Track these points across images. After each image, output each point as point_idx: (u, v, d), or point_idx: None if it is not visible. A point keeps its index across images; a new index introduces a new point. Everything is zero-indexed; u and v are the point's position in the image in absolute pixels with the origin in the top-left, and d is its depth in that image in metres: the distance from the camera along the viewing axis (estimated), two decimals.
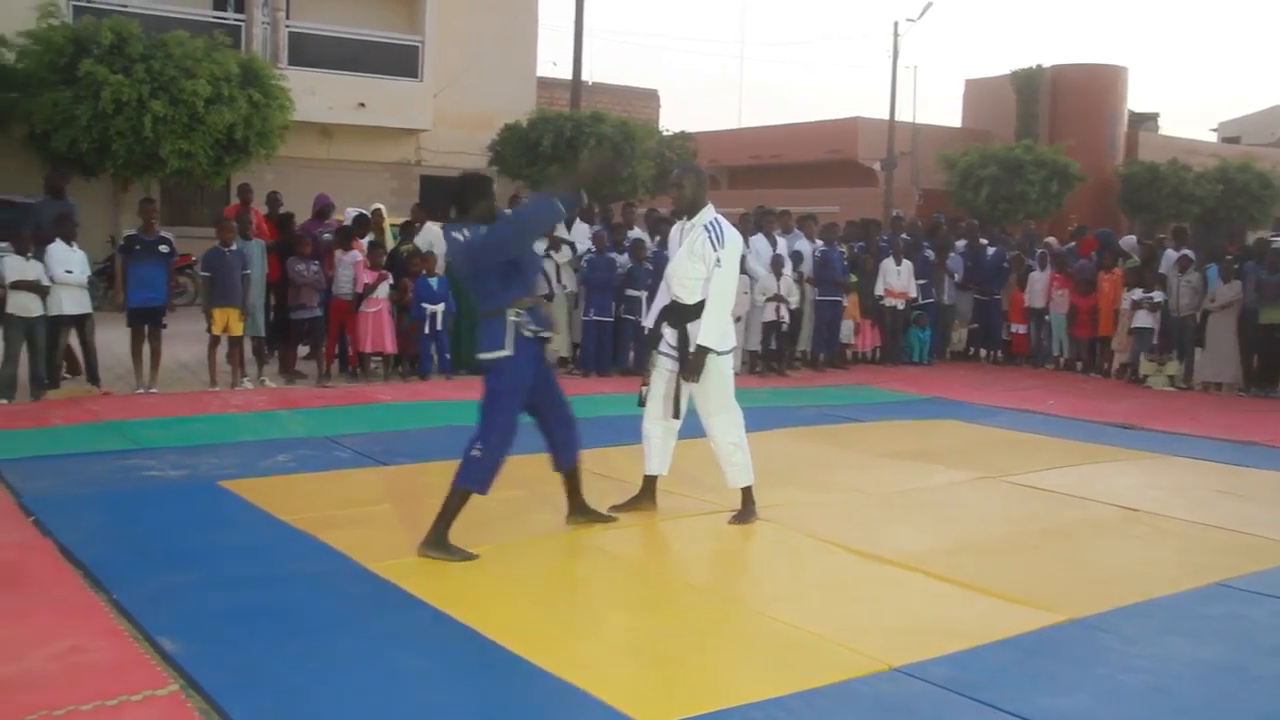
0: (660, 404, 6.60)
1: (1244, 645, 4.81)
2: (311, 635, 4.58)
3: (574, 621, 4.93)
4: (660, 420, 6.63)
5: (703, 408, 6.52)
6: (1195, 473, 8.70)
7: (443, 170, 23.91)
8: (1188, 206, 29.13)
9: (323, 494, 7.04)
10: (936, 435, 10.13)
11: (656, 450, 6.70)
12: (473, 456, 5.78)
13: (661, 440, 6.68)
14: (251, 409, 10.01)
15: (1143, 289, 14.09)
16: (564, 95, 26.59)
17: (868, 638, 4.76)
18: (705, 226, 6.42)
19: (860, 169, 33.05)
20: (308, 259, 11.54)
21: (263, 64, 17.81)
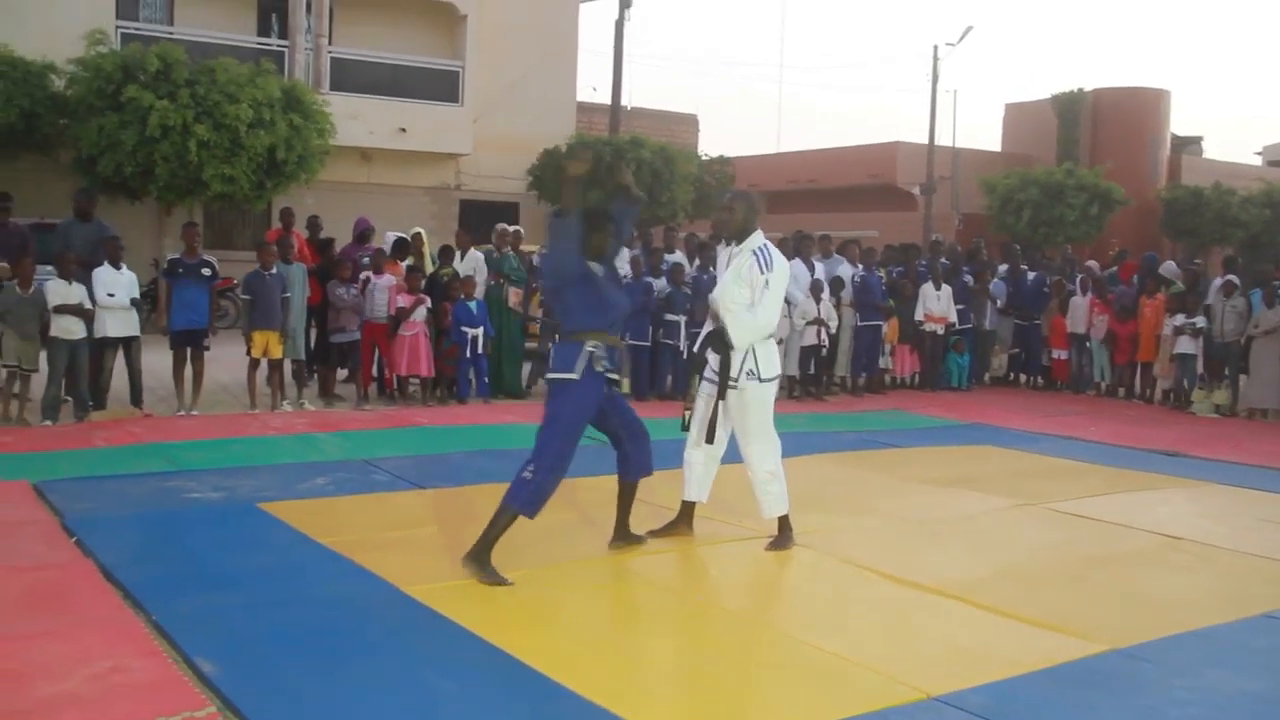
0: (697, 428, 6.60)
1: None
2: (347, 658, 4.59)
3: (610, 647, 4.92)
4: (702, 446, 6.62)
5: (741, 435, 6.51)
6: (1240, 501, 8.58)
7: (482, 195, 24.10)
8: (1232, 231, 28.81)
9: (360, 517, 7.07)
10: (976, 461, 10.05)
11: (697, 477, 6.70)
12: (524, 479, 5.81)
13: (703, 467, 6.68)
14: (290, 431, 10.08)
15: (1185, 314, 13.95)
16: (603, 120, 26.74)
17: (906, 666, 4.72)
18: (754, 251, 6.41)
19: (900, 193, 32.96)
20: (347, 282, 11.64)
21: (305, 89, 18.02)
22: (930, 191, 30.81)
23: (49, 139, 17.29)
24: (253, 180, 16.89)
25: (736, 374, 6.35)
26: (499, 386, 12.78)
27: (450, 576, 5.73)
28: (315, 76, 20.89)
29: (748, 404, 6.38)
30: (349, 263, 11.87)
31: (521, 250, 13.55)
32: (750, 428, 6.45)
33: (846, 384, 14.70)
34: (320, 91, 19.70)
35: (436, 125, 22.94)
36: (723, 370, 6.41)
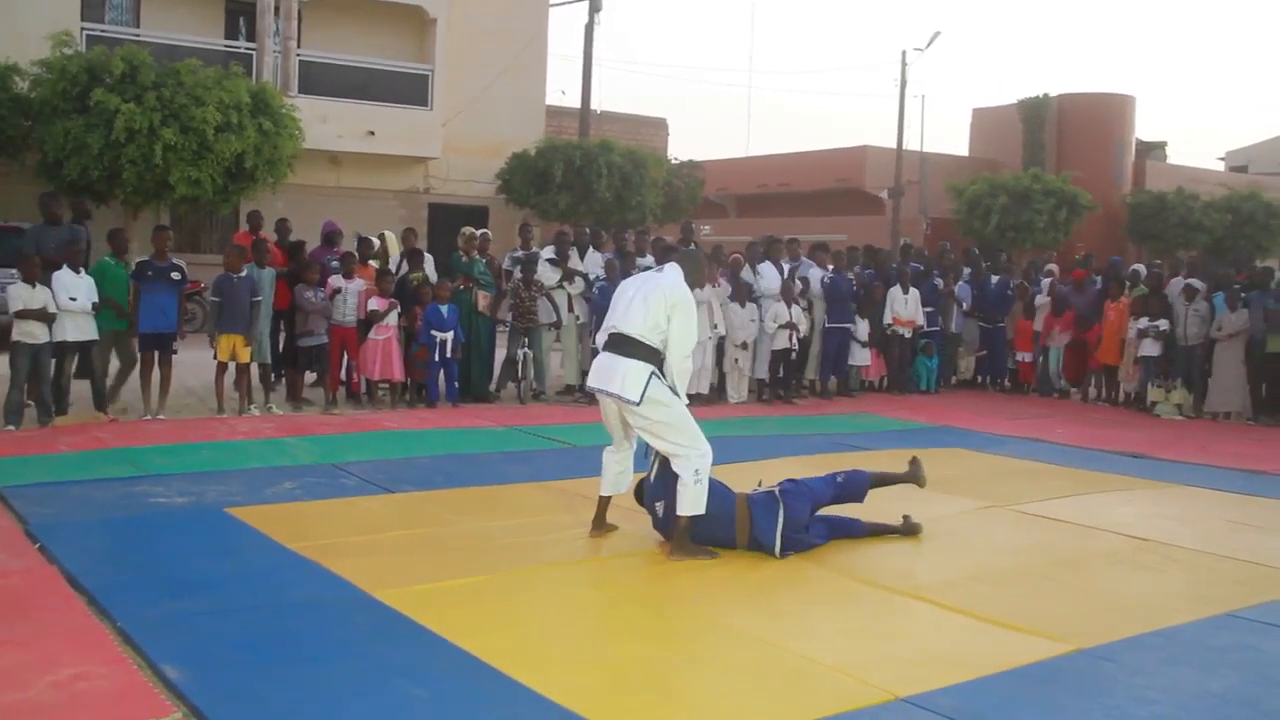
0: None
1: (1254, 676, 4.78)
2: (316, 663, 4.56)
3: (580, 651, 4.91)
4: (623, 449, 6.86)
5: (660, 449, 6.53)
6: (1205, 502, 8.66)
7: (451, 199, 24.03)
8: (1195, 235, 29.10)
9: (328, 521, 7.03)
10: (944, 464, 10.07)
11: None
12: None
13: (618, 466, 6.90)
14: (258, 436, 10.02)
15: (1149, 318, 14.07)
16: (573, 124, 26.71)
17: (874, 668, 4.74)
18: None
19: (868, 197, 33.11)
20: (315, 286, 11.58)
21: (273, 92, 17.89)
22: (898, 195, 30.96)
23: (13, 142, 17.08)
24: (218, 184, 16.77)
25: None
26: (468, 391, 12.75)
27: (419, 580, 5.71)
28: (283, 79, 20.78)
29: (650, 419, 6.49)
30: (317, 266, 11.81)
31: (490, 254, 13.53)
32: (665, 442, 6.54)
33: (815, 387, 14.75)
34: (289, 95, 19.59)
35: (405, 129, 22.87)
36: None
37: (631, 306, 6.45)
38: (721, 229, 31.33)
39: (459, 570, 5.97)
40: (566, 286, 13.26)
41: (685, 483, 6.36)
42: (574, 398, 13.46)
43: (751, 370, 13.84)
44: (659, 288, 6.42)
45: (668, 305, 6.35)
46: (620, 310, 6.53)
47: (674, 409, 6.41)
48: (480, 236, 13.35)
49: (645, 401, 6.32)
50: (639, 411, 6.36)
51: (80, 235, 10.85)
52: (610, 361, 6.50)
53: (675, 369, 6.44)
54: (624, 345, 6.43)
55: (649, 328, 6.37)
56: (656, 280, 6.53)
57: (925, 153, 33.06)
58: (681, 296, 6.43)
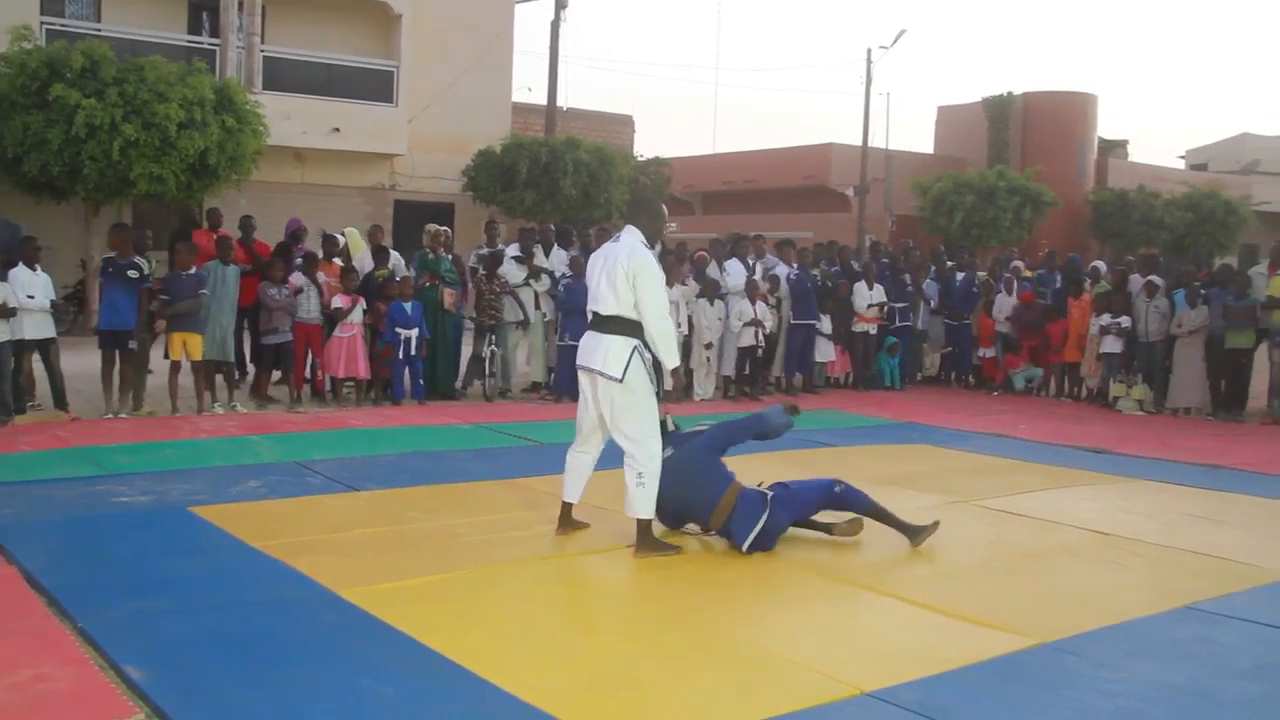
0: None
1: (1213, 668, 4.84)
2: (281, 663, 4.53)
3: (546, 648, 4.90)
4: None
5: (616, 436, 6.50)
6: (1166, 497, 8.75)
7: (417, 195, 23.93)
8: (1157, 233, 29.40)
9: (293, 520, 6.98)
10: (909, 460, 10.16)
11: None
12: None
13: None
14: (222, 434, 9.94)
15: (1111, 314, 14.21)
16: (539, 121, 26.65)
17: (840, 663, 4.76)
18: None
19: (834, 195, 33.22)
20: (279, 283, 11.50)
21: (237, 88, 17.76)
22: (864, 193, 31.09)
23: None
24: (181, 181, 16.63)
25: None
26: (434, 388, 12.70)
27: (386, 578, 5.68)
28: (247, 76, 20.61)
29: (614, 405, 6.42)
30: (280, 263, 11.73)
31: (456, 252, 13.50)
32: (622, 429, 6.47)
33: (781, 384, 14.80)
34: (253, 91, 19.46)
35: (371, 125, 22.74)
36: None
37: (600, 286, 6.40)
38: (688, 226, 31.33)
39: (425, 568, 5.95)
40: (533, 284, 13.23)
41: (629, 485, 6.36)
42: (540, 395, 13.45)
43: (718, 367, 13.87)
44: (616, 260, 6.32)
45: (628, 274, 6.25)
46: (593, 291, 6.49)
47: (643, 400, 6.36)
48: (443, 234, 13.30)
49: (627, 380, 6.28)
50: (618, 390, 6.30)
51: (19, 230, 10.71)
52: (593, 340, 6.46)
53: (656, 337, 6.32)
54: (605, 324, 6.39)
55: (621, 303, 6.30)
56: (614, 252, 6.39)
57: (891, 150, 33.19)
58: (640, 261, 6.29)
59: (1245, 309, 13.24)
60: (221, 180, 17.35)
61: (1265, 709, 4.41)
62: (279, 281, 11.51)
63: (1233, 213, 30.07)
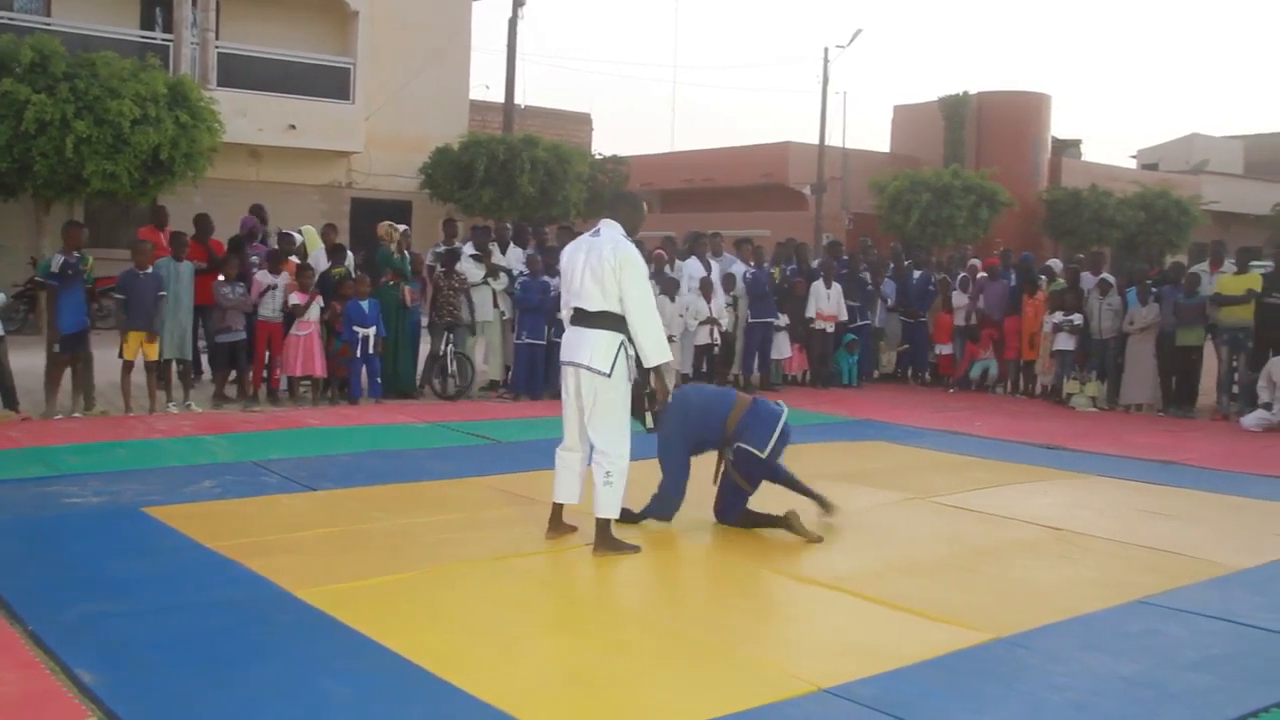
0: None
1: (1162, 660, 4.90)
2: (236, 664, 4.50)
3: (504, 647, 4.90)
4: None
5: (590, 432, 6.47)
6: (1118, 492, 8.86)
7: (374, 193, 23.79)
8: (1109, 231, 29.74)
9: (249, 520, 6.93)
10: (865, 457, 10.22)
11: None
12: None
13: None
14: (176, 434, 9.84)
15: (1064, 312, 14.36)
16: (497, 118, 26.58)
17: (796, 660, 4.78)
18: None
19: (791, 193, 33.35)
20: (233, 281, 11.40)
21: (191, 85, 17.58)
22: (821, 191, 31.24)
23: None
24: (135, 178, 16.44)
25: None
26: (392, 387, 12.64)
27: (344, 578, 5.65)
28: (202, 72, 20.41)
29: (596, 402, 6.39)
30: (234, 261, 11.63)
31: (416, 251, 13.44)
32: (598, 427, 6.44)
33: (739, 381, 14.84)
34: (207, 87, 19.26)
35: (327, 123, 22.60)
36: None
37: (584, 282, 6.29)
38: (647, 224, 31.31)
39: (382, 568, 5.92)
40: (491, 282, 13.20)
41: (596, 483, 6.35)
42: (498, 394, 13.42)
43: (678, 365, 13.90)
44: (600, 255, 6.24)
45: (614, 269, 6.17)
46: (575, 287, 6.36)
47: (622, 398, 6.35)
48: (401, 232, 13.24)
49: (615, 375, 6.25)
50: (603, 384, 6.25)
51: None
52: (578, 335, 6.38)
53: (642, 331, 6.23)
54: (590, 319, 6.30)
55: (608, 297, 6.23)
56: (597, 247, 6.30)
57: (848, 149, 33.38)
58: (625, 255, 6.22)
59: (1195, 307, 13.44)
60: (176, 177, 17.16)
61: (1212, 699, 4.48)
62: (233, 279, 11.41)
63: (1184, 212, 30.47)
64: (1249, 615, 5.58)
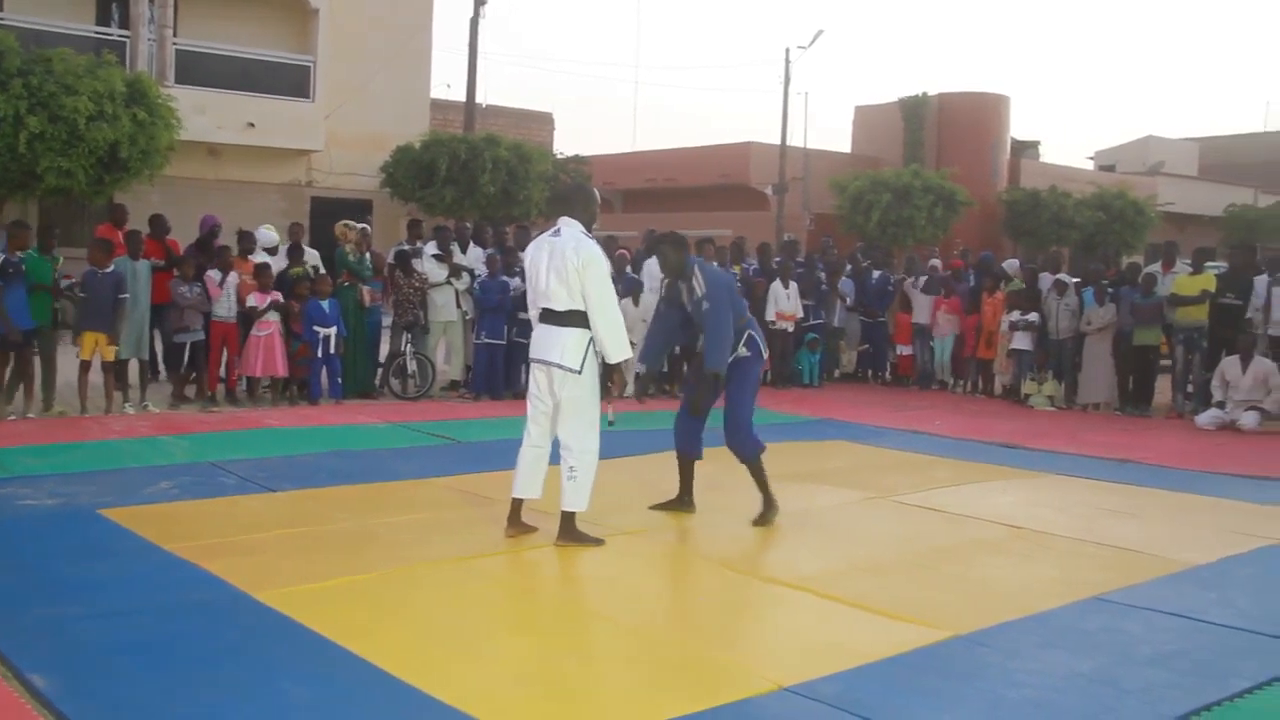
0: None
1: (1119, 657, 4.96)
2: (195, 668, 4.45)
3: (466, 648, 4.88)
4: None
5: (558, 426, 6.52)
6: (1076, 490, 8.95)
7: (334, 192, 23.63)
8: (1068, 232, 29.97)
9: (207, 521, 6.87)
10: (826, 456, 10.27)
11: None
12: (751, 438, 7.31)
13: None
14: (133, 435, 9.74)
15: (1021, 311, 14.48)
16: (458, 117, 26.49)
17: (757, 658, 4.80)
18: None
19: (753, 193, 33.42)
20: (190, 281, 11.30)
21: (149, 81, 17.36)
22: (782, 192, 31.32)
23: None
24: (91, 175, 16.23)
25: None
26: (352, 387, 12.57)
27: (304, 580, 5.61)
28: (159, 69, 20.18)
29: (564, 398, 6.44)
30: (191, 260, 11.53)
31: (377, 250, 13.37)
32: (567, 422, 6.49)
33: None
34: (165, 84, 19.04)
35: (287, 121, 22.40)
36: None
37: (549, 283, 6.31)
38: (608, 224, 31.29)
39: (343, 569, 5.89)
40: (453, 282, 13.15)
41: (562, 478, 6.39)
42: (459, 394, 13.38)
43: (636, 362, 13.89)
44: (562, 255, 6.26)
45: (577, 269, 6.21)
46: (541, 287, 6.39)
47: (590, 395, 6.40)
48: (360, 232, 13.16)
49: (585, 372, 6.29)
50: (573, 382, 6.30)
51: None
52: (547, 333, 6.41)
53: (604, 329, 6.28)
54: (559, 318, 6.34)
55: (574, 296, 6.27)
56: (558, 247, 6.32)
57: (809, 149, 33.47)
58: (587, 254, 6.26)
59: (1152, 307, 13.60)
60: (133, 175, 16.95)
61: (1167, 694, 4.53)
62: (190, 279, 11.30)
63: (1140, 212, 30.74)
64: (1203, 611, 5.65)
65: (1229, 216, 36.64)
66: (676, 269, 7.26)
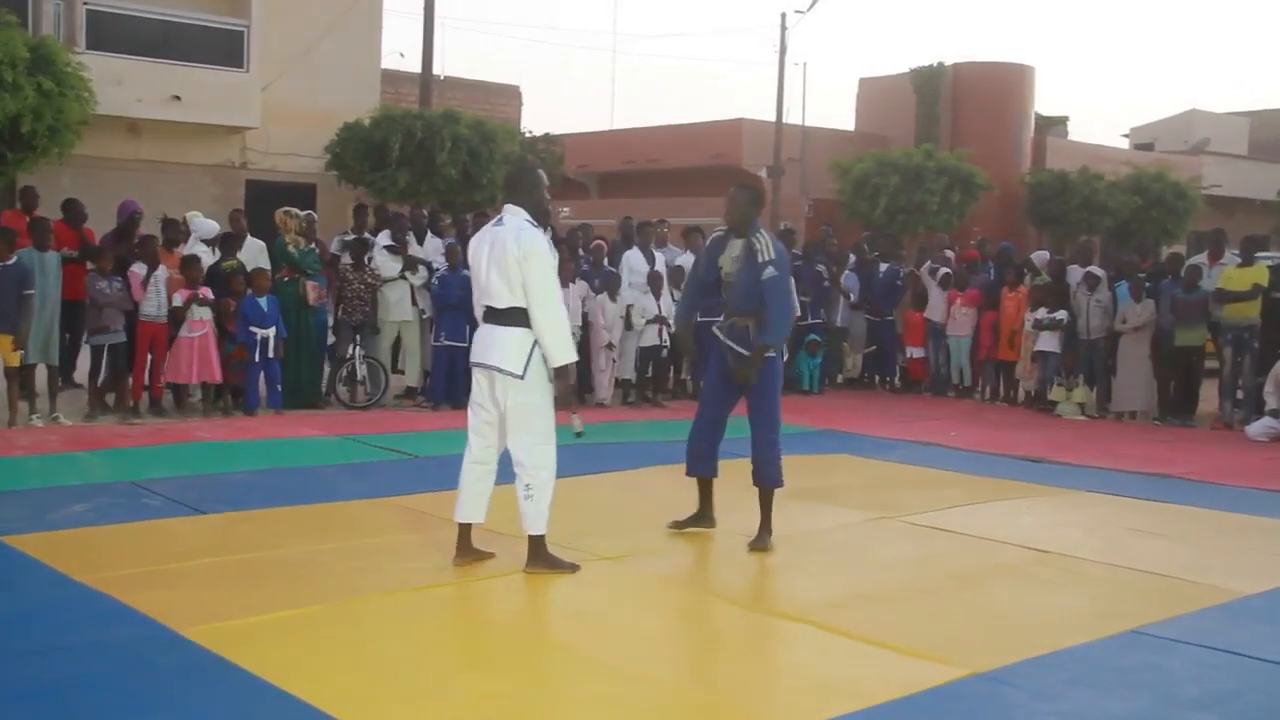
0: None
1: (1161, 699, 4.98)
2: (114, 714, 4.44)
3: (420, 689, 4.86)
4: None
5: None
6: (1108, 509, 8.99)
7: (273, 175, 23.56)
8: (1099, 219, 30.03)
9: (128, 549, 6.84)
10: (829, 471, 10.29)
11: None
12: (769, 455, 7.73)
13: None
14: (41, 451, 9.71)
15: (1047, 309, 14.48)
16: (412, 91, 26.42)
17: (752, 700, 4.80)
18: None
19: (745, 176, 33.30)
20: (110, 275, 11.25)
21: (56, 46, 17.27)
22: (778, 174, 31.38)
23: None
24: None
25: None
26: (294, 395, 12.53)
27: (237, 614, 5.59)
28: (68, 32, 20.10)
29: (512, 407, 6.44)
30: (110, 252, 11.48)
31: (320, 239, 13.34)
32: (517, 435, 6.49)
33: (688, 387, 14.87)
34: (75, 50, 18.96)
35: (217, 93, 22.31)
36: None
37: (490, 278, 6.36)
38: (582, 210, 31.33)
39: (283, 601, 5.87)
40: (409, 277, 13.12)
41: (519, 498, 6.41)
42: (415, 402, 13.36)
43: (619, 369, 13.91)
44: (503, 246, 6.30)
45: (518, 261, 6.24)
46: (483, 283, 6.44)
47: (540, 401, 6.40)
48: (305, 219, 13.13)
49: (529, 376, 6.30)
50: (517, 388, 6.30)
51: None
52: (489, 333, 6.44)
53: (545, 328, 6.30)
54: (501, 316, 6.37)
55: (515, 293, 6.30)
56: (499, 237, 6.36)
57: (807, 127, 33.55)
58: (529, 246, 6.28)
59: (1195, 303, 13.62)
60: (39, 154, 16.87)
61: None
62: (109, 273, 11.25)
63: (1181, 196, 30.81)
64: (1256, 647, 5.67)
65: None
66: (741, 222, 7.42)
